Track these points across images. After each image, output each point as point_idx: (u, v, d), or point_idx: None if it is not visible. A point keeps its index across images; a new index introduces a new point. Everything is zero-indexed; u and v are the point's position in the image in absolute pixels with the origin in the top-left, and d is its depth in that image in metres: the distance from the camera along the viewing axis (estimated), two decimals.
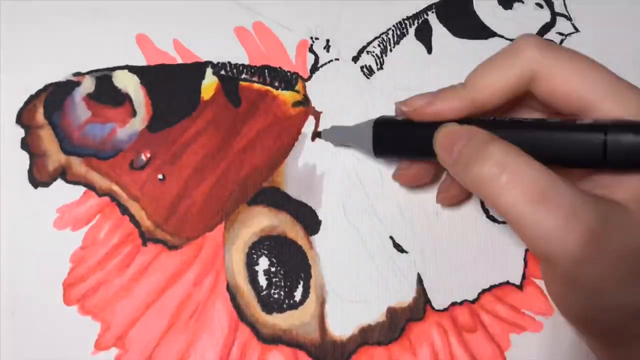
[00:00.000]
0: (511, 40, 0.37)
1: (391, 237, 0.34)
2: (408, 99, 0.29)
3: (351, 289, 0.33)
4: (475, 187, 0.25)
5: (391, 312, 0.33)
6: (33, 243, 0.33)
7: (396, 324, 0.33)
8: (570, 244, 0.23)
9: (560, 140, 0.25)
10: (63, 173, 0.34)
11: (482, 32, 0.38)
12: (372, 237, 0.34)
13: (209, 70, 0.36)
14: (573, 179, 0.26)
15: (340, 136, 0.34)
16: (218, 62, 0.37)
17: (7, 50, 0.37)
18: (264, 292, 0.33)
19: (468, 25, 0.38)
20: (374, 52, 0.37)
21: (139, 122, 0.35)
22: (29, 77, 0.36)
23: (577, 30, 0.38)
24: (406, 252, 0.34)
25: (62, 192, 0.34)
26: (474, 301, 0.33)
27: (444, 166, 0.28)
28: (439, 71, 0.37)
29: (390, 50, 0.37)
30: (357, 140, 0.33)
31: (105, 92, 0.36)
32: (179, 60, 0.37)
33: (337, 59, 0.37)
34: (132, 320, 0.32)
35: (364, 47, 0.37)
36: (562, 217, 0.23)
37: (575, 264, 0.23)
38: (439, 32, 0.38)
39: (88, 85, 0.36)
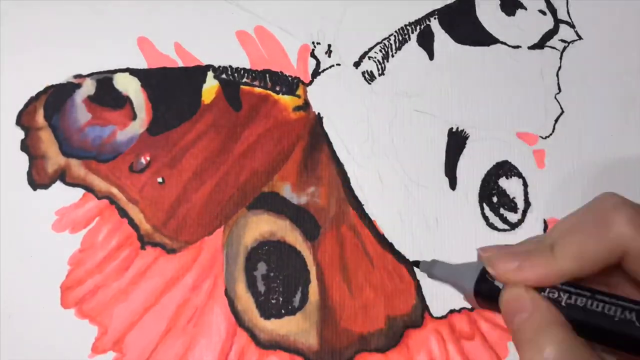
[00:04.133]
0: (513, 47, 0.37)
1: (390, 244, 0.34)
2: (492, 256, 0.25)
3: (350, 295, 0.33)
4: None
5: (390, 319, 0.33)
6: (31, 245, 0.33)
7: (394, 331, 0.32)
8: None
9: None
10: (62, 175, 0.34)
11: (485, 38, 0.38)
12: (372, 244, 0.34)
13: (210, 74, 0.36)
14: None
15: (440, 272, 0.29)
16: (219, 66, 0.36)
17: (7, 51, 0.37)
18: (262, 298, 0.33)
19: (470, 32, 0.38)
20: (375, 57, 0.37)
21: (139, 125, 0.35)
22: (30, 78, 0.36)
23: (580, 37, 0.38)
24: (406, 259, 0.34)
25: (61, 195, 0.34)
26: (472, 309, 0.33)
27: None
28: (440, 77, 0.37)
29: (392, 56, 0.37)
30: (458, 278, 0.28)
31: (106, 94, 0.36)
32: (180, 64, 0.37)
33: (338, 64, 0.37)
34: (129, 324, 0.32)
35: (366, 53, 0.37)
36: None
37: None
38: (441, 38, 0.38)
39: (89, 87, 0.36)
